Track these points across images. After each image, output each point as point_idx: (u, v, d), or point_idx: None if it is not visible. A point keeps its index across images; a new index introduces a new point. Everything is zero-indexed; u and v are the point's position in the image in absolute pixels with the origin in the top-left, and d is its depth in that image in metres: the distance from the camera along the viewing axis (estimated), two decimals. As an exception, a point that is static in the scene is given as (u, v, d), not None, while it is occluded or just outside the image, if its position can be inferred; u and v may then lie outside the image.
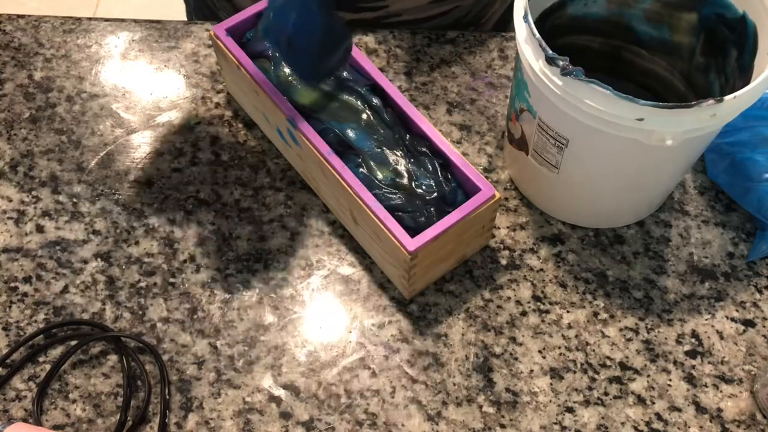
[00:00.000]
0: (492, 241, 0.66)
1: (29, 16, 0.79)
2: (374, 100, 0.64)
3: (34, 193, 0.68)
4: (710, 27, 0.61)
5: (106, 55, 0.76)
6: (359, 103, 0.64)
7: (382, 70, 0.75)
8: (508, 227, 0.67)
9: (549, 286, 0.65)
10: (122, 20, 0.79)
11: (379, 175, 0.61)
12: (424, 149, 0.62)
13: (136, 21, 0.78)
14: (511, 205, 0.68)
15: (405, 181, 0.61)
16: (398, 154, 0.62)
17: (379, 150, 0.62)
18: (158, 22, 0.78)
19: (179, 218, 0.67)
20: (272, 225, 0.67)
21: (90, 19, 0.78)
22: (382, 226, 0.58)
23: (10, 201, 0.68)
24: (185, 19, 0.92)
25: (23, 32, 0.78)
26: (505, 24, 0.88)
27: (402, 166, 0.62)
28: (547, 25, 0.62)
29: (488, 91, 0.74)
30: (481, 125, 0.72)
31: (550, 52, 0.52)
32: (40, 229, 0.66)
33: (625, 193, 0.63)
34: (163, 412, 0.58)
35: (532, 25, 0.54)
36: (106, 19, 0.79)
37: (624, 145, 0.55)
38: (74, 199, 0.68)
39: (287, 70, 0.66)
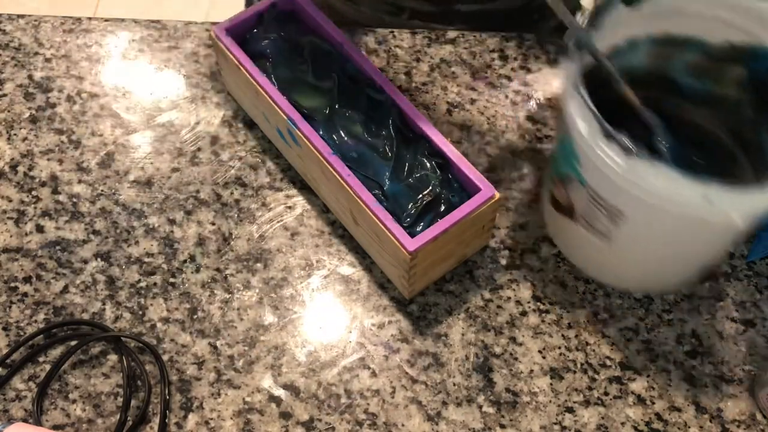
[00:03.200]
0: (492, 241, 0.66)
1: (29, 16, 0.79)
2: (376, 99, 0.64)
3: (34, 193, 0.68)
4: (760, 81, 0.59)
5: (106, 55, 0.76)
6: (359, 109, 0.64)
7: (382, 70, 0.76)
8: (508, 227, 0.67)
9: (549, 286, 0.65)
10: (122, 20, 0.79)
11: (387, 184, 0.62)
12: (425, 152, 0.62)
13: (136, 21, 0.79)
14: (511, 204, 0.68)
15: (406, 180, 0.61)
16: (398, 155, 0.62)
17: (382, 159, 0.62)
18: (158, 22, 0.78)
19: (179, 218, 0.67)
20: (272, 225, 0.67)
21: (90, 19, 0.79)
22: (382, 226, 0.58)
23: (10, 201, 0.68)
24: (185, 19, 0.92)
25: (23, 32, 0.78)
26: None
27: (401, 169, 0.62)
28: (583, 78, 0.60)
29: (488, 90, 0.74)
30: (481, 125, 0.72)
31: (610, 128, 0.50)
32: (40, 229, 0.66)
33: (680, 263, 0.61)
34: (163, 412, 0.58)
35: (588, 99, 0.51)
36: (106, 19, 0.79)
37: (687, 222, 0.53)
38: (74, 199, 0.68)
39: (288, 70, 0.65)
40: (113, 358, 0.61)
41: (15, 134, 0.72)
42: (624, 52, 0.60)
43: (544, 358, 0.62)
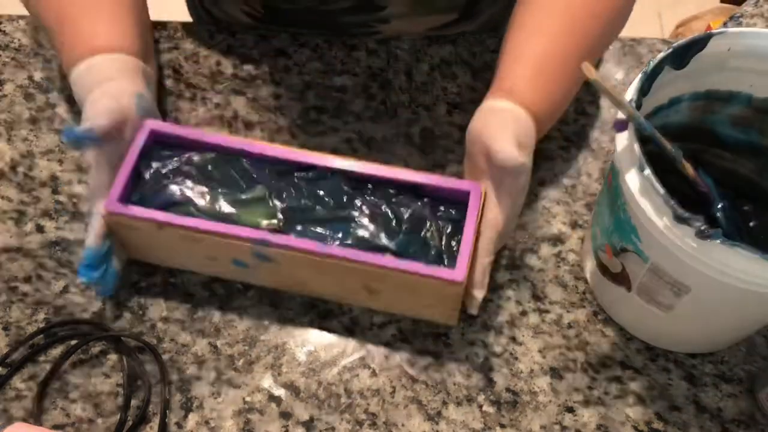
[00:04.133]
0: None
1: (29, 16, 0.79)
2: (310, 178, 0.60)
3: (34, 193, 0.68)
4: None
5: (107, 55, 0.76)
6: (305, 196, 0.60)
7: (382, 70, 0.76)
8: (508, 227, 0.67)
9: (549, 286, 0.65)
10: (122, 20, 0.79)
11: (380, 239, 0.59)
12: (384, 200, 0.59)
13: (136, 21, 0.78)
14: (511, 205, 0.68)
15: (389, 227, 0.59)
16: (366, 211, 0.59)
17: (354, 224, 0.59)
18: (158, 22, 0.78)
19: (179, 218, 0.67)
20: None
21: (90, 19, 0.78)
22: (418, 277, 0.56)
23: (10, 201, 0.68)
24: (185, 19, 0.92)
25: (23, 33, 0.78)
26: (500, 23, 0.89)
27: (373, 219, 0.59)
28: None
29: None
30: (481, 125, 0.72)
31: (682, 211, 0.48)
32: (40, 229, 0.66)
33: (740, 329, 0.60)
34: (163, 412, 0.58)
35: (655, 181, 0.49)
36: (107, 20, 0.79)
37: (758, 298, 0.52)
38: (74, 199, 0.68)
39: (209, 200, 0.59)
40: (113, 357, 0.61)
41: (15, 134, 0.72)
42: (665, 108, 0.60)
43: (544, 358, 0.62)
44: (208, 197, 0.60)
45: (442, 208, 0.59)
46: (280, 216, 0.59)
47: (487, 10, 0.83)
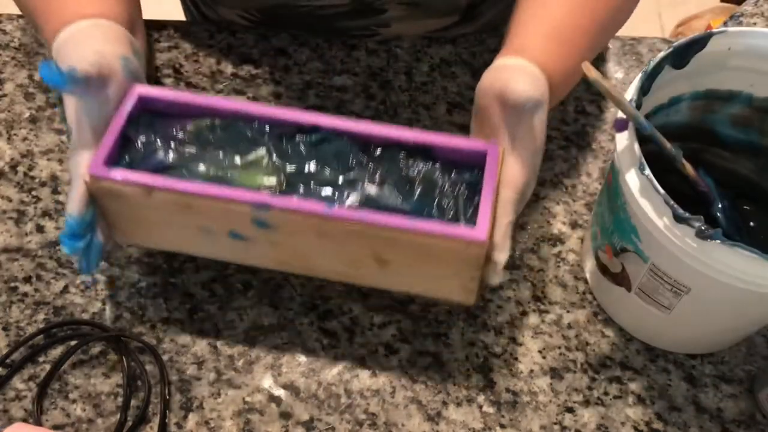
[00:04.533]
0: (492, 241, 0.66)
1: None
2: (317, 140, 0.55)
3: (34, 193, 0.68)
4: None
5: (106, 55, 0.76)
6: (310, 158, 0.55)
7: (382, 70, 0.76)
8: (508, 227, 0.67)
9: (549, 286, 0.65)
10: (122, 20, 0.79)
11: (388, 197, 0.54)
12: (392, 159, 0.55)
13: (136, 21, 0.78)
14: (511, 205, 0.68)
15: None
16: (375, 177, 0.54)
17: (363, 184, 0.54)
18: (158, 22, 0.78)
19: (179, 218, 0.67)
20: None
21: (90, 19, 0.78)
22: (435, 238, 0.51)
23: (10, 201, 0.68)
24: (185, 18, 0.92)
25: (23, 32, 0.78)
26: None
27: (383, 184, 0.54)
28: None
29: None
30: (481, 125, 0.72)
31: (682, 211, 0.48)
32: (40, 229, 0.66)
33: (741, 329, 0.60)
34: (163, 412, 0.58)
35: (654, 181, 0.49)
36: (106, 19, 0.78)
37: (758, 298, 0.52)
38: (74, 199, 0.68)
39: (205, 164, 0.55)
40: (113, 358, 0.61)
41: (15, 134, 0.72)
42: (665, 108, 0.60)
43: (544, 358, 0.62)
44: (202, 163, 0.54)
45: (458, 168, 0.54)
46: (282, 179, 0.53)
47: (488, 12, 0.83)
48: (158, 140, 0.55)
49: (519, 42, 0.58)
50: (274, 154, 0.55)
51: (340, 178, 0.54)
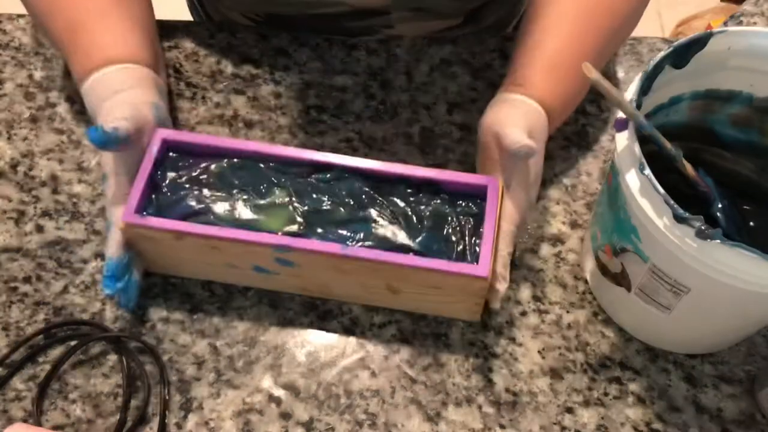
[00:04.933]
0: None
1: (30, 15, 0.79)
2: (329, 179, 0.60)
3: (34, 193, 0.68)
4: None
5: (106, 55, 0.76)
6: (324, 198, 0.59)
7: (382, 69, 0.76)
8: (508, 227, 0.67)
9: (549, 286, 0.65)
10: (122, 20, 0.79)
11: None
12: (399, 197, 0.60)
13: (136, 21, 0.78)
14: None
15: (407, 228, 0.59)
16: (386, 214, 0.59)
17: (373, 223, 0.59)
18: (158, 22, 0.78)
19: (179, 218, 0.67)
20: (272, 225, 0.67)
21: (90, 19, 0.78)
22: (442, 274, 0.56)
23: (10, 201, 0.68)
24: (185, 18, 0.92)
25: (23, 32, 0.78)
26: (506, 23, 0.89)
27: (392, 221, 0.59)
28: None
29: (489, 90, 0.74)
30: (481, 125, 0.72)
31: (682, 211, 0.48)
32: (40, 229, 0.66)
33: (741, 329, 0.60)
34: (163, 412, 0.58)
35: (654, 181, 0.49)
36: (106, 19, 0.78)
37: (758, 298, 0.52)
38: (74, 199, 0.68)
39: (227, 208, 0.59)
40: (113, 358, 0.61)
41: (15, 134, 0.72)
42: (665, 108, 0.60)
43: (544, 358, 0.62)
44: (226, 204, 0.59)
45: (461, 203, 0.59)
46: (301, 220, 0.58)
47: (491, 15, 0.83)
48: (184, 183, 0.60)
49: (521, 74, 0.61)
50: (293, 195, 0.59)
51: (354, 216, 0.59)
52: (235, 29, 0.78)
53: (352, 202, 0.59)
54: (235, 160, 0.61)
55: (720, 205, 0.59)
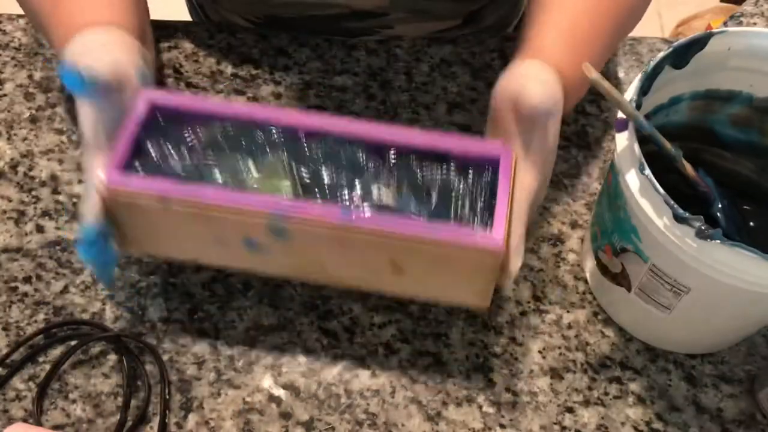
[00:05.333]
0: (492, 241, 0.66)
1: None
2: (329, 145, 0.55)
3: (34, 193, 0.68)
4: None
5: (106, 55, 0.76)
6: (325, 164, 0.54)
7: (382, 70, 0.76)
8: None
9: (549, 286, 0.65)
10: (122, 20, 0.79)
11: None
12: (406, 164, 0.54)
13: (136, 21, 0.78)
14: (511, 205, 0.68)
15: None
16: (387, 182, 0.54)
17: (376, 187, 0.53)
18: (158, 21, 0.78)
19: (179, 218, 0.67)
20: (272, 225, 0.67)
21: (90, 19, 0.78)
22: (454, 246, 0.50)
23: (10, 201, 0.68)
24: (185, 19, 0.92)
25: (23, 32, 0.78)
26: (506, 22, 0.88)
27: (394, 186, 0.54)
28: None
29: (489, 90, 0.74)
30: (481, 125, 0.72)
31: (682, 212, 0.48)
32: (40, 229, 0.66)
33: (741, 329, 0.60)
34: (163, 412, 0.58)
35: (654, 181, 0.49)
36: (106, 19, 0.79)
37: (758, 298, 0.52)
38: (74, 199, 0.68)
39: (220, 171, 0.54)
40: (113, 358, 0.61)
41: (15, 134, 0.72)
42: (665, 108, 0.60)
43: (544, 358, 0.62)
44: (217, 171, 0.53)
45: (472, 172, 0.54)
46: (298, 188, 0.53)
47: (490, 16, 0.83)
48: (171, 147, 0.54)
49: (536, 44, 0.57)
50: (290, 160, 0.54)
51: (356, 185, 0.53)
52: (235, 29, 0.78)
53: (354, 171, 0.54)
54: (229, 124, 0.55)
55: (720, 205, 0.59)
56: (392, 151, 0.54)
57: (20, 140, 0.71)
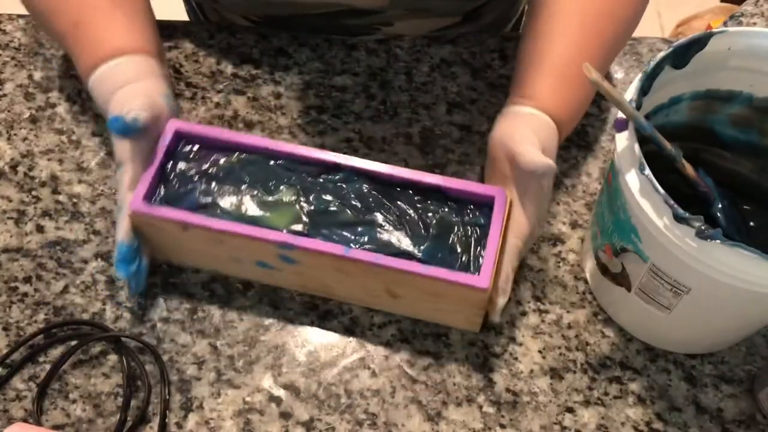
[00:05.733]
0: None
1: (29, 15, 0.79)
2: (338, 180, 0.60)
3: (34, 193, 0.68)
4: None
5: (106, 55, 0.76)
6: (330, 198, 0.60)
7: (382, 70, 0.76)
8: (508, 227, 0.67)
9: (549, 286, 0.65)
10: (122, 20, 0.79)
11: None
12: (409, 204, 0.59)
13: (136, 21, 0.78)
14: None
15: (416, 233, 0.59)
16: (392, 219, 0.59)
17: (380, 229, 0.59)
18: (158, 22, 0.78)
19: (179, 218, 0.67)
20: (272, 225, 0.67)
21: (90, 19, 0.78)
22: (442, 283, 0.56)
23: (10, 201, 0.68)
24: (185, 19, 0.92)
25: (23, 32, 0.78)
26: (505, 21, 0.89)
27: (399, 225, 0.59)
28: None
29: (489, 90, 0.74)
30: (481, 125, 0.72)
31: (682, 212, 0.48)
32: (40, 229, 0.66)
33: (741, 329, 0.60)
34: (163, 412, 0.58)
35: (654, 181, 0.49)
36: (106, 19, 0.78)
37: (758, 298, 0.52)
38: (74, 199, 0.68)
39: (235, 201, 0.60)
40: (113, 358, 0.61)
41: (15, 134, 0.72)
42: (665, 108, 0.60)
43: (544, 358, 0.62)
44: (233, 199, 0.60)
45: (468, 212, 0.59)
46: (306, 219, 0.59)
47: (490, 14, 0.83)
48: (193, 175, 0.61)
49: (529, 86, 0.61)
50: (300, 193, 0.60)
51: (359, 219, 0.59)
52: (235, 29, 0.78)
53: (359, 205, 0.59)
54: (245, 155, 0.61)
55: (720, 205, 0.59)
56: (394, 189, 0.60)
57: (20, 140, 0.71)
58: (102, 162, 0.70)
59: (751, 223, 0.63)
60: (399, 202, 0.59)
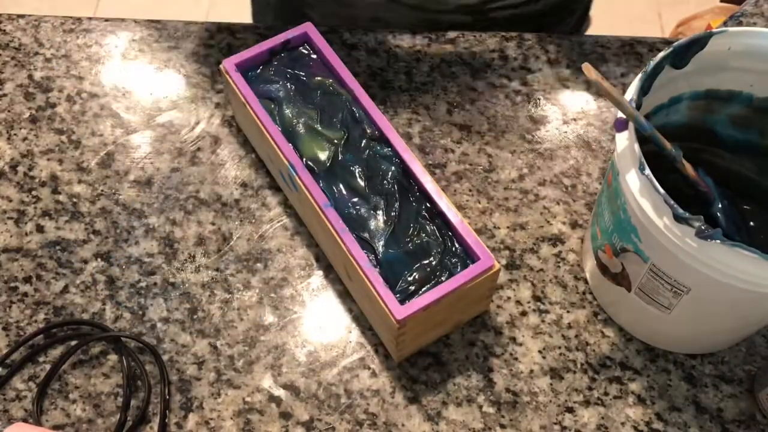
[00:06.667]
0: (492, 241, 0.66)
1: (29, 15, 0.79)
2: (381, 154, 0.62)
3: (34, 193, 0.68)
4: None
5: (106, 55, 0.76)
6: (363, 162, 0.62)
7: (382, 70, 0.76)
8: (508, 227, 0.67)
9: (549, 286, 0.65)
10: (122, 20, 0.79)
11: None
12: (424, 214, 0.60)
13: (136, 21, 0.79)
14: (510, 205, 0.68)
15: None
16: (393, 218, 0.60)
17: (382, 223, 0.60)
18: (158, 21, 0.78)
19: (179, 218, 0.67)
20: (272, 225, 0.67)
21: (90, 18, 0.79)
22: (373, 290, 0.56)
23: (10, 201, 0.68)
24: (185, 19, 0.92)
25: (23, 32, 0.78)
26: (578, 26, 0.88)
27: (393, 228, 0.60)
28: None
29: (489, 90, 0.74)
30: (481, 125, 0.72)
31: (682, 211, 0.48)
32: (40, 229, 0.66)
33: (741, 329, 0.60)
34: (163, 412, 0.58)
35: (654, 181, 0.49)
36: (106, 19, 0.79)
37: (758, 298, 0.52)
38: (74, 199, 0.68)
39: (295, 114, 0.64)
40: (113, 358, 0.61)
41: (15, 134, 0.72)
42: (665, 108, 0.60)
43: (544, 358, 0.62)
44: (295, 110, 0.65)
45: (451, 256, 0.58)
46: (327, 163, 0.62)
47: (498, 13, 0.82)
48: (286, 73, 0.67)
49: None
50: (342, 142, 0.63)
51: (365, 192, 0.61)
52: (235, 29, 0.78)
53: (375, 182, 0.61)
54: (336, 86, 0.66)
55: (720, 205, 0.59)
56: (416, 193, 0.61)
57: (20, 140, 0.71)
58: (102, 162, 0.70)
59: (751, 223, 0.63)
60: (408, 205, 0.60)
